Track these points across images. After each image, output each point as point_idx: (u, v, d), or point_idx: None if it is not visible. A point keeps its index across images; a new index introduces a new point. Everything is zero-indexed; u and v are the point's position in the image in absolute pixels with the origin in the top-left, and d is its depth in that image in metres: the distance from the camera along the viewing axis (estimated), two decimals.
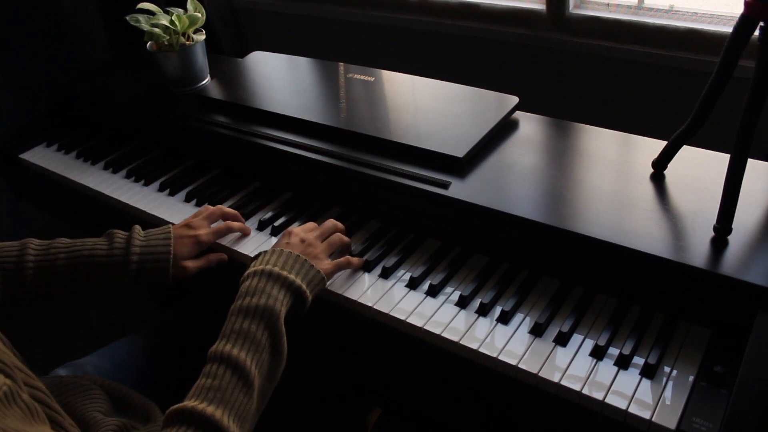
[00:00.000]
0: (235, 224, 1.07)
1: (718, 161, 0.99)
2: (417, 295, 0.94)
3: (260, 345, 0.78)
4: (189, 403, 0.71)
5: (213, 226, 1.06)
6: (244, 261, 1.05)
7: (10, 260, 0.95)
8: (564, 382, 0.78)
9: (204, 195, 1.19)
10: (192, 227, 1.04)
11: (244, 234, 1.09)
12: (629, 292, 0.89)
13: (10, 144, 1.45)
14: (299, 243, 0.94)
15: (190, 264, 1.01)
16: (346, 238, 1.01)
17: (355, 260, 0.98)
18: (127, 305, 2.14)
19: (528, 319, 0.88)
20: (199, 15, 1.34)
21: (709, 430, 0.70)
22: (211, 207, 1.09)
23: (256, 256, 0.91)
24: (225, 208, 1.09)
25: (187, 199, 1.21)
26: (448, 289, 0.94)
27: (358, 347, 0.98)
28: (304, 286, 0.87)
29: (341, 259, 0.97)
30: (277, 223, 1.10)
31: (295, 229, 0.97)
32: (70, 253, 0.97)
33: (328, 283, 0.95)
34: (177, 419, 0.70)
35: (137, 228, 1.00)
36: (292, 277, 0.86)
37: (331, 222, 1.01)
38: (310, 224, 1.00)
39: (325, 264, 0.94)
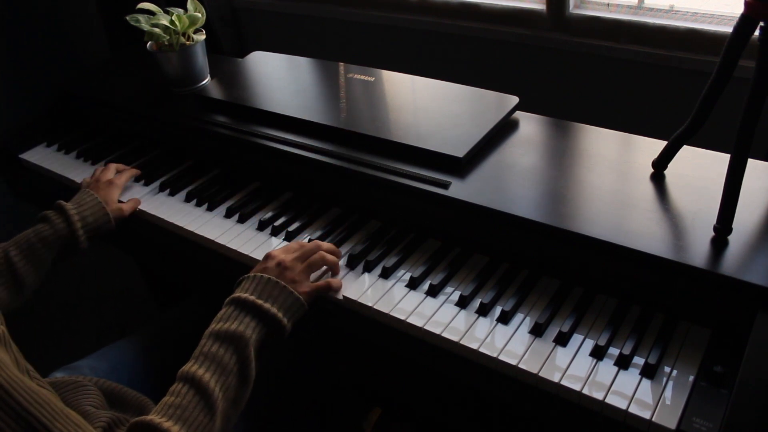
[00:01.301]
0: (135, 170, 1.24)
1: (718, 161, 0.99)
2: (417, 295, 0.93)
3: (227, 369, 0.80)
4: (149, 416, 0.73)
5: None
6: (244, 261, 1.05)
7: None
8: (564, 382, 0.78)
9: (204, 195, 1.19)
10: (99, 179, 1.18)
11: (133, 174, 1.24)
12: (629, 292, 0.89)
13: (10, 144, 1.45)
14: (275, 267, 0.92)
15: (124, 206, 1.15)
16: (330, 257, 0.97)
17: (335, 282, 0.96)
18: (127, 306, 2.14)
19: (528, 319, 0.88)
20: (199, 15, 1.34)
21: (709, 430, 0.70)
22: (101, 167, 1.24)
23: (239, 282, 0.91)
24: (114, 164, 1.24)
25: (187, 199, 1.21)
26: (448, 289, 0.94)
27: (357, 347, 0.98)
28: (279, 315, 0.86)
29: (320, 283, 0.94)
30: (277, 223, 1.10)
31: (274, 251, 0.95)
32: (19, 246, 1.03)
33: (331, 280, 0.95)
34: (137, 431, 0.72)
35: (61, 201, 1.10)
36: (266, 306, 0.86)
37: (314, 243, 0.98)
38: (293, 244, 0.97)
39: (304, 287, 0.92)
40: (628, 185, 0.97)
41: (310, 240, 1.06)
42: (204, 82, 1.40)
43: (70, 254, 1.08)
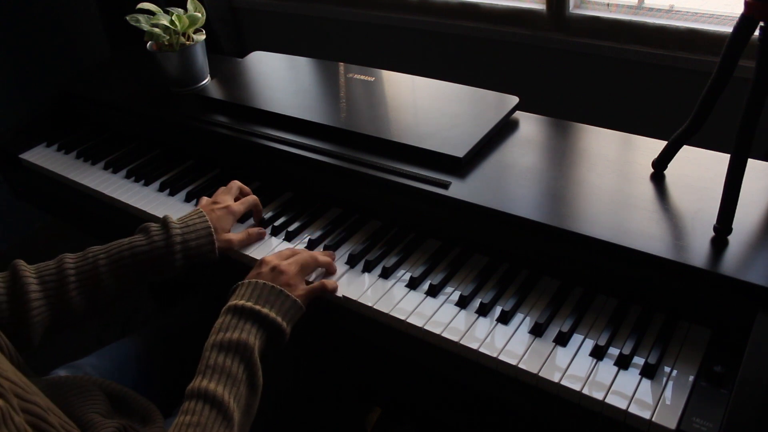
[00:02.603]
0: (259, 203, 1.11)
1: (718, 161, 0.99)
2: (417, 295, 0.94)
3: (237, 379, 0.78)
4: None
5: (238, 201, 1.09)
6: (244, 261, 1.05)
7: (51, 278, 0.92)
8: (564, 382, 0.78)
9: (204, 195, 1.19)
10: (219, 202, 1.06)
11: (259, 211, 1.11)
12: (629, 292, 0.89)
13: (10, 144, 1.45)
14: (269, 272, 0.91)
15: (233, 236, 1.04)
16: (322, 258, 0.97)
17: (330, 283, 0.95)
18: (127, 305, 2.14)
19: (528, 319, 0.88)
20: (199, 15, 1.34)
21: (709, 430, 0.70)
22: (223, 188, 1.11)
23: (233, 290, 0.90)
24: (239, 182, 1.12)
25: (187, 199, 1.21)
26: (448, 289, 0.94)
27: (358, 347, 0.98)
28: (279, 319, 0.86)
29: (315, 284, 0.94)
30: (277, 223, 1.10)
31: (267, 257, 0.95)
32: (110, 256, 0.95)
33: (332, 280, 0.95)
34: None
35: (169, 216, 1.00)
36: (265, 311, 0.85)
37: (306, 252, 0.97)
38: (285, 251, 0.97)
39: (299, 290, 0.91)
40: (628, 185, 0.97)
41: (310, 240, 1.06)
42: (204, 82, 1.40)
43: (161, 274, 0.98)
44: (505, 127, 1.14)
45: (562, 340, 0.84)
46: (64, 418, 0.70)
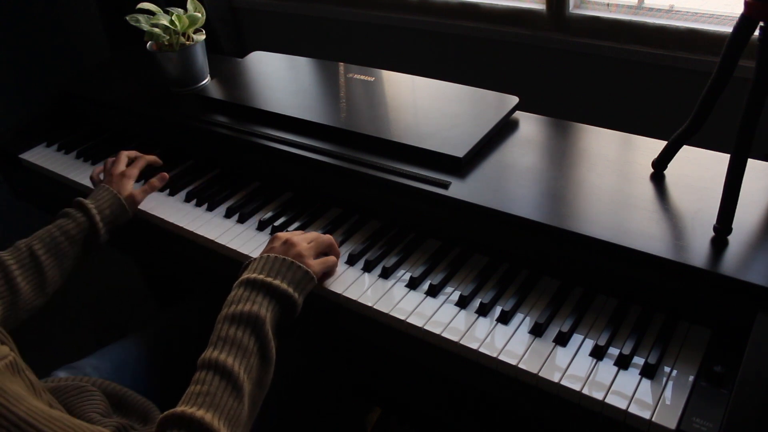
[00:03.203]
0: (150, 157, 1.25)
1: (718, 161, 0.99)
2: (417, 295, 0.94)
3: (248, 350, 0.79)
4: (179, 408, 0.72)
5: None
6: (244, 261, 1.05)
7: None
8: (564, 382, 0.78)
9: (204, 195, 1.19)
10: (111, 173, 1.19)
11: (156, 163, 1.27)
12: (629, 292, 0.89)
13: (10, 144, 1.45)
14: (282, 245, 0.93)
15: (135, 192, 1.17)
16: (336, 246, 0.99)
17: (332, 259, 0.97)
18: (127, 305, 2.14)
19: (528, 319, 0.88)
20: (199, 15, 1.34)
21: (709, 430, 0.70)
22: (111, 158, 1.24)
23: (245, 266, 0.91)
24: (125, 151, 1.24)
25: (187, 199, 1.21)
26: (448, 289, 0.94)
27: (358, 347, 0.98)
28: (290, 290, 0.86)
29: (328, 258, 0.96)
30: (277, 223, 1.10)
31: (280, 233, 0.96)
32: (43, 241, 1.04)
33: (321, 283, 0.95)
34: (169, 424, 0.71)
35: (79, 198, 1.11)
36: (276, 282, 0.86)
37: (315, 233, 0.99)
38: (296, 232, 0.98)
39: (311, 261, 0.93)
40: (628, 185, 0.97)
41: None
42: (204, 82, 1.40)
43: (92, 248, 1.10)
44: (505, 127, 1.14)
45: (562, 340, 0.84)
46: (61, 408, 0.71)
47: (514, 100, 1.16)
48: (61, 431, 0.62)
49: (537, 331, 0.85)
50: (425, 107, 1.18)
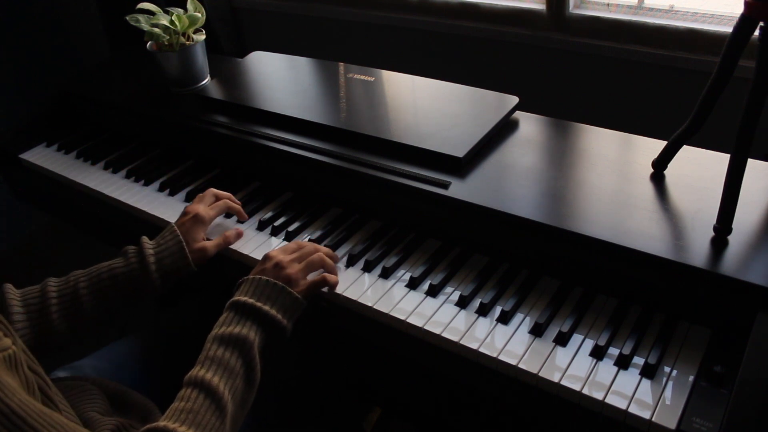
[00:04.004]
0: (233, 204, 1.11)
1: (718, 161, 0.99)
2: (417, 295, 0.94)
3: (234, 372, 0.80)
4: (162, 423, 0.73)
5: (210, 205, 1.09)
6: (244, 261, 1.05)
7: (34, 302, 0.93)
8: (564, 382, 0.78)
9: None
10: (188, 212, 1.06)
11: (239, 214, 1.12)
12: (629, 292, 0.89)
13: (10, 144, 1.45)
14: (272, 268, 0.92)
15: (208, 244, 1.03)
16: (328, 261, 0.97)
17: (331, 278, 0.95)
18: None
19: (528, 319, 0.88)
20: (199, 15, 1.34)
21: (709, 430, 0.70)
22: (201, 194, 1.11)
23: (238, 285, 0.91)
24: (215, 189, 1.12)
25: (187, 199, 1.21)
26: (448, 289, 0.94)
27: (358, 347, 0.98)
28: (279, 316, 0.87)
29: (317, 278, 0.94)
30: (277, 223, 1.10)
31: (272, 252, 0.95)
32: (90, 279, 0.96)
33: (325, 292, 0.95)
34: None
35: (145, 238, 1.01)
36: (266, 308, 0.86)
37: (312, 245, 0.98)
38: (291, 245, 0.98)
39: (301, 285, 0.92)
40: (628, 185, 0.97)
41: (309, 240, 1.06)
42: (204, 82, 1.40)
43: (143, 296, 0.99)
44: (505, 127, 1.14)
45: (562, 340, 0.84)
46: (58, 405, 0.71)
47: (514, 100, 1.16)
48: (52, 429, 0.62)
49: (537, 331, 0.85)
50: (425, 107, 1.18)
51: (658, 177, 0.98)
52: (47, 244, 2.38)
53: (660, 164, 0.99)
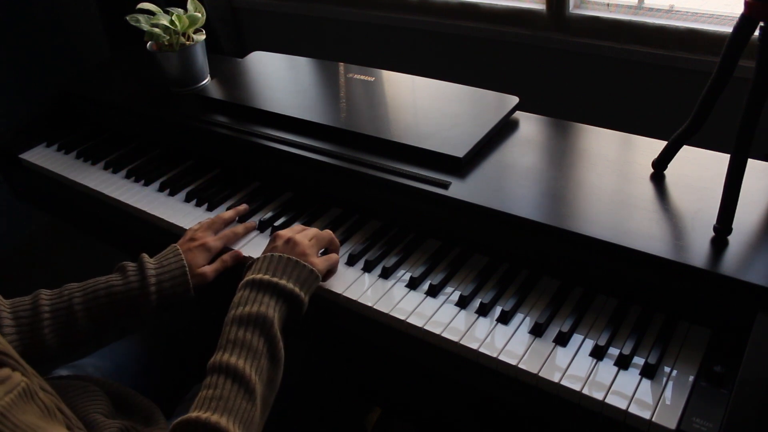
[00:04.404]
0: (239, 228, 1.08)
1: (718, 161, 0.99)
2: (417, 295, 0.94)
3: (257, 352, 0.78)
4: (194, 414, 0.71)
5: (218, 234, 1.06)
6: (244, 262, 1.05)
7: (25, 314, 0.90)
8: (564, 382, 0.78)
9: (204, 195, 1.19)
10: (196, 238, 1.03)
11: (248, 230, 1.09)
12: (629, 292, 0.89)
13: (10, 144, 1.45)
14: (284, 245, 0.92)
15: (207, 269, 1.00)
16: (335, 239, 0.99)
17: (335, 256, 0.97)
18: None
19: (528, 319, 0.88)
20: (199, 15, 1.34)
21: (709, 430, 0.70)
22: (207, 220, 1.08)
23: (249, 266, 0.90)
24: (223, 214, 1.09)
25: (187, 199, 1.21)
26: (448, 289, 0.94)
27: (358, 347, 0.98)
28: (297, 289, 0.86)
29: (331, 255, 0.96)
30: (277, 223, 1.10)
31: (281, 231, 0.96)
32: (86, 294, 0.93)
33: (325, 281, 0.95)
34: (184, 431, 0.70)
35: (145, 255, 0.98)
36: (283, 282, 0.85)
37: (315, 229, 0.98)
38: (296, 226, 0.99)
39: (315, 260, 0.92)
40: (628, 185, 0.97)
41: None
42: (204, 82, 1.40)
43: (137, 315, 0.95)
44: (505, 127, 1.14)
45: (562, 340, 0.84)
46: (72, 417, 0.70)
47: (514, 100, 1.16)
48: None
49: (537, 331, 0.85)
50: (425, 107, 1.18)
51: (658, 177, 0.98)
52: (47, 244, 2.38)
53: (660, 164, 0.99)
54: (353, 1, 1.83)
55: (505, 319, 0.88)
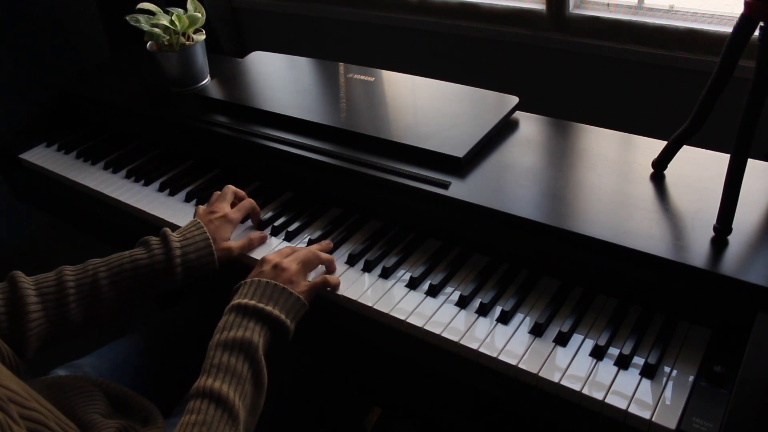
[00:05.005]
0: (257, 207, 1.10)
1: (718, 161, 0.99)
2: (417, 295, 0.94)
3: (242, 377, 0.78)
4: None
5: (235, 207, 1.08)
6: (244, 261, 1.05)
7: (50, 290, 0.90)
8: (564, 382, 0.78)
9: (204, 195, 1.19)
10: (215, 210, 1.04)
11: (256, 214, 1.10)
12: (629, 292, 0.89)
13: (10, 144, 1.45)
14: (271, 270, 0.91)
15: (233, 245, 1.02)
16: (324, 255, 0.98)
17: (332, 279, 0.96)
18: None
19: (528, 319, 0.88)
20: (199, 15, 1.34)
21: (709, 430, 0.70)
22: (216, 193, 1.09)
23: (235, 289, 0.90)
24: (233, 187, 1.11)
25: (187, 199, 1.21)
26: (448, 289, 0.94)
27: (358, 347, 0.98)
28: (282, 316, 0.86)
29: (317, 280, 0.94)
30: (277, 223, 1.10)
31: (269, 255, 0.95)
32: (111, 269, 0.93)
33: (332, 290, 0.95)
34: None
35: (167, 230, 0.99)
36: (268, 308, 0.85)
37: (306, 249, 0.98)
38: (285, 249, 0.98)
39: (302, 286, 0.91)
40: (628, 185, 0.97)
41: (310, 240, 1.06)
42: (204, 82, 1.40)
43: (162, 287, 0.97)
44: (505, 127, 1.14)
45: (562, 340, 0.84)
46: (64, 421, 0.70)
47: (514, 100, 1.16)
48: None
49: (537, 331, 0.85)
50: (425, 107, 1.18)
51: (658, 177, 0.98)
52: (47, 244, 2.38)
53: (660, 164, 0.99)
54: (353, 1, 1.83)
55: (505, 319, 0.88)
